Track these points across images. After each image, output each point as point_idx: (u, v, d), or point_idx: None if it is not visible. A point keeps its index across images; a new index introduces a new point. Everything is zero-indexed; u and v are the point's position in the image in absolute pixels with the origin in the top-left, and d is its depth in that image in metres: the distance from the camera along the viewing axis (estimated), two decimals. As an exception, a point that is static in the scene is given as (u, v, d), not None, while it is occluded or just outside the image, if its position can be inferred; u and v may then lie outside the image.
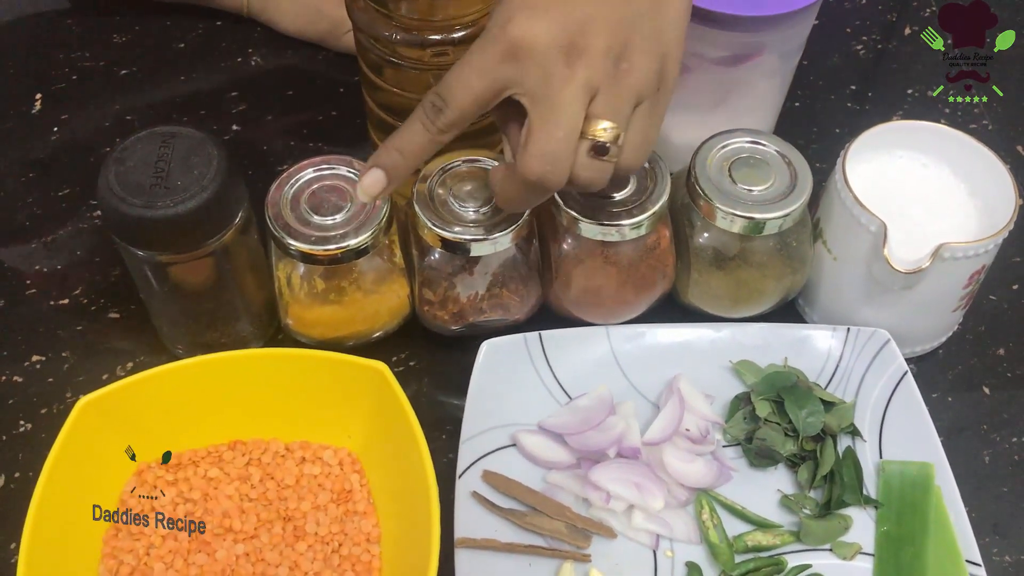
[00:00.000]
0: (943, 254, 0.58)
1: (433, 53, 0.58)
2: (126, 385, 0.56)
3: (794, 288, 0.64)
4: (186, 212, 0.52)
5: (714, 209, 0.59)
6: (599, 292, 0.63)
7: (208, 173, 0.53)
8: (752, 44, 0.64)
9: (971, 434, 0.63)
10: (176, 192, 0.52)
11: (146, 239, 0.54)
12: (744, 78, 0.66)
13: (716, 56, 0.65)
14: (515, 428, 0.60)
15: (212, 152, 0.54)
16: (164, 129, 0.55)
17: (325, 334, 0.62)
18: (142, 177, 0.53)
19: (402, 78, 0.60)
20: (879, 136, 0.63)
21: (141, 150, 0.54)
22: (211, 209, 0.53)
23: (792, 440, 0.59)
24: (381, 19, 0.58)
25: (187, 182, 0.53)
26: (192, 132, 0.55)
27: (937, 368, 0.66)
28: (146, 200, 0.52)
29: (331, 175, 0.59)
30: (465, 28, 0.57)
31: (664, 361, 0.62)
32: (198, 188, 0.52)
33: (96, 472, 0.56)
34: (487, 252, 0.58)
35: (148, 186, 0.52)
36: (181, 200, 0.52)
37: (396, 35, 0.57)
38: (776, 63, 0.66)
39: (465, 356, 0.61)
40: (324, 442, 0.59)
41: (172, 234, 0.53)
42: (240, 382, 0.58)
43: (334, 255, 0.57)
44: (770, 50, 0.64)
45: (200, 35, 0.82)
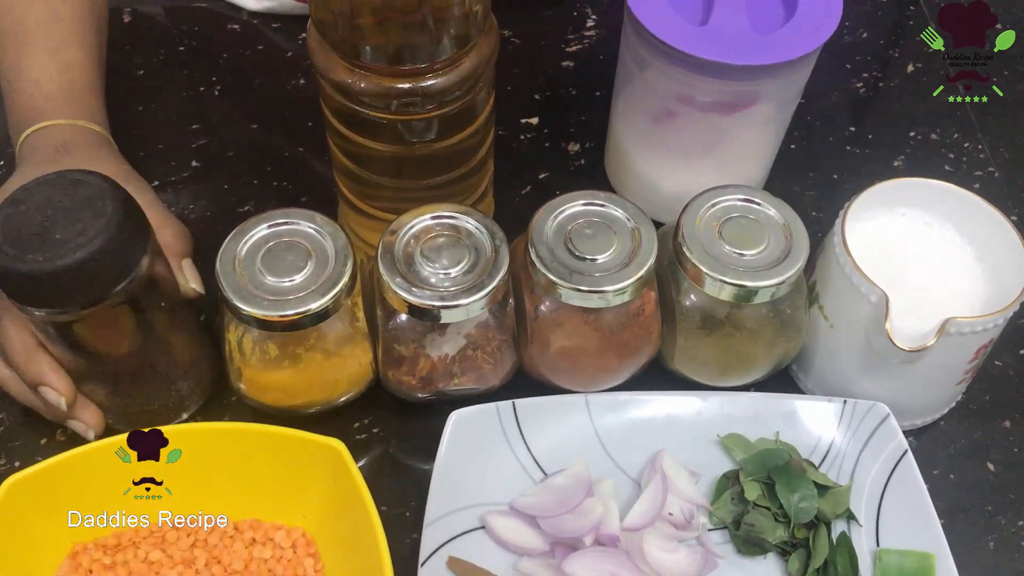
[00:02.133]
0: (949, 329, 0.53)
1: (400, 103, 0.53)
2: (58, 462, 0.51)
3: (787, 356, 0.60)
4: (55, 269, 0.47)
5: (702, 275, 0.55)
6: (578, 357, 0.58)
7: (93, 227, 0.48)
8: (746, 94, 0.60)
9: (974, 516, 0.59)
10: (51, 246, 0.47)
11: (23, 294, 0.49)
12: (736, 127, 0.62)
13: (707, 102, 0.60)
14: (484, 508, 0.55)
15: (107, 205, 0.49)
16: (72, 174, 0.50)
17: (280, 401, 0.57)
18: (27, 225, 0.48)
19: (369, 127, 0.56)
20: (880, 194, 0.59)
21: (39, 195, 0.49)
22: (90, 266, 0.48)
23: (783, 526, 0.55)
24: (343, 65, 0.53)
25: (67, 235, 0.48)
26: (98, 181, 0.49)
27: (938, 442, 0.62)
28: (17, 252, 0.47)
29: (289, 231, 0.55)
30: (436, 76, 0.53)
31: (647, 433, 0.58)
32: (75, 245, 0.47)
33: (26, 554, 0.52)
34: (458, 319, 0.54)
35: (27, 236, 0.47)
36: (54, 256, 0.47)
37: (360, 83, 0.53)
38: (771, 112, 0.62)
39: (434, 422, 0.57)
40: (277, 521, 0.55)
41: (47, 290, 0.48)
42: (186, 457, 0.53)
43: (291, 321, 0.52)
44: (764, 100, 0.60)
45: (161, 61, 0.77)
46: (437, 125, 0.55)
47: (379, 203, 0.60)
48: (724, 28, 0.59)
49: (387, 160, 0.57)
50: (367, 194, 0.60)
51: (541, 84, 0.78)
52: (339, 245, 0.54)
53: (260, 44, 0.79)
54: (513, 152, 0.74)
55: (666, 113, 0.63)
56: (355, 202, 0.62)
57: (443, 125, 0.55)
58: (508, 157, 0.73)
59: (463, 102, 0.55)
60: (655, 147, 0.65)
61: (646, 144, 0.66)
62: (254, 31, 0.80)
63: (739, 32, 0.59)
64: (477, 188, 0.62)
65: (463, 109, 0.55)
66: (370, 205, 0.61)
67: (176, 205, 0.69)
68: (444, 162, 0.58)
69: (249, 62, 0.78)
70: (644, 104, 0.64)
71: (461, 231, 0.56)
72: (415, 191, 0.59)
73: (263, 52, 0.79)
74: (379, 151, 0.56)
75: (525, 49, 0.80)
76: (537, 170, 0.73)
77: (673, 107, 0.62)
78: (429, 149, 0.56)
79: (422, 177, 0.58)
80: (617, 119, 0.68)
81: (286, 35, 0.80)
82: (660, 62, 0.59)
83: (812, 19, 0.59)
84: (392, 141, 0.56)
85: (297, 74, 0.76)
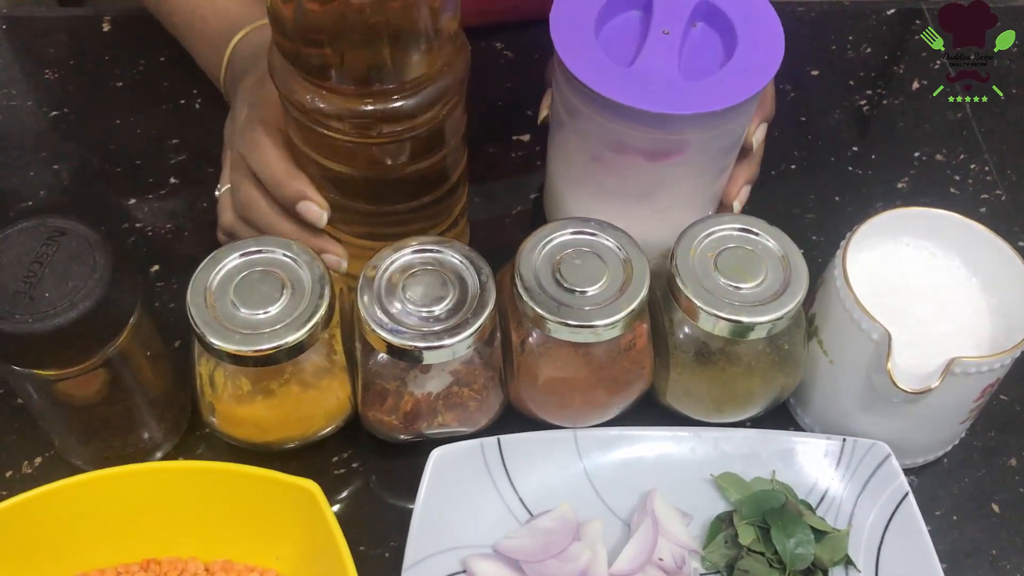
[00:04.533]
0: (955, 370, 0.51)
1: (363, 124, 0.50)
2: (22, 501, 0.49)
3: (785, 392, 0.58)
4: (45, 330, 0.45)
5: (696, 309, 0.52)
6: (567, 391, 0.56)
7: (84, 287, 0.45)
8: (670, 142, 0.55)
9: (979, 561, 0.56)
10: (40, 305, 0.45)
11: (6, 353, 0.47)
12: (669, 174, 0.58)
13: (634, 148, 0.56)
14: (467, 551, 0.53)
15: (97, 260, 0.46)
16: (54, 223, 0.47)
17: (254, 436, 0.55)
18: (10, 280, 0.45)
19: (333, 149, 0.53)
20: (883, 224, 0.57)
21: (20, 244, 0.46)
22: (80, 327, 0.45)
23: (778, 572, 0.52)
24: (304, 85, 0.50)
25: (56, 296, 0.45)
26: (85, 231, 0.47)
27: (941, 481, 0.59)
28: (4, 310, 0.45)
29: (264, 259, 0.52)
30: (405, 97, 0.50)
31: (638, 471, 0.56)
32: (67, 304, 0.45)
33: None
34: (442, 360, 0.51)
35: (12, 292, 0.45)
36: (43, 316, 0.45)
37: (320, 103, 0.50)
38: (704, 162, 0.58)
39: (415, 458, 0.55)
40: (249, 562, 0.53)
41: (35, 350, 0.46)
42: (155, 496, 0.51)
43: (266, 355, 0.50)
44: (693, 149, 0.56)
45: (140, 72, 0.75)
46: (406, 148, 0.53)
47: (349, 227, 0.58)
48: (651, 72, 0.54)
49: (355, 183, 0.54)
50: (336, 218, 0.57)
51: (535, 99, 0.75)
52: (316, 275, 0.52)
53: (244, 55, 0.77)
54: (504, 171, 0.71)
55: (594, 158, 0.58)
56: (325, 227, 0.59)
57: (412, 148, 0.53)
58: (498, 176, 0.71)
59: (432, 124, 0.52)
60: (590, 192, 0.61)
61: (580, 189, 0.61)
62: (238, 41, 0.77)
63: (666, 77, 0.54)
64: (450, 215, 0.60)
65: (433, 131, 0.52)
66: (339, 230, 0.58)
67: (151, 222, 0.67)
68: (413, 186, 0.55)
69: (232, 74, 0.75)
70: (574, 146, 0.60)
71: (445, 266, 0.53)
72: (384, 216, 0.56)
73: (247, 63, 0.76)
74: (345, 174, 0.54)
75: (518, 62, 0.78)
76: (528, 190, 0.70)
77: (600, 152, 0.58)
78: (398, 172, 0.54)
79: (391, 201, 0.56)
80: (552, 161, 0.64)
81: (270, 46, 0.77)
82: (585, 105, 0.55)
83: (749, 65, 0.54)
84: (358, 164, 0.53)
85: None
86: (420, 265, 0.53)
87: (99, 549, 0.52)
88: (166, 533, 0.52)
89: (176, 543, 0.52)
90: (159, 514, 0.51)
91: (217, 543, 0.52)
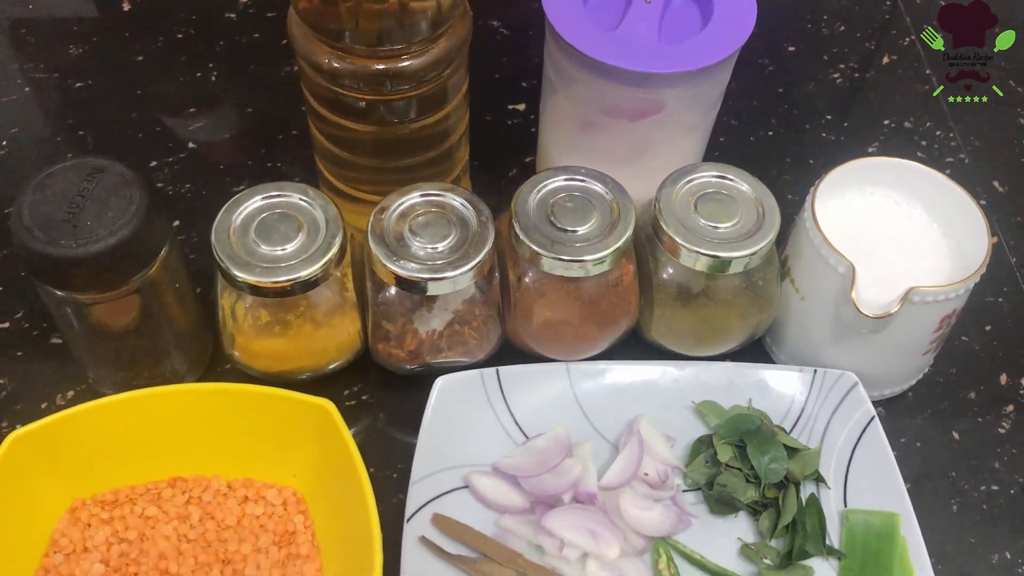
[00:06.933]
0: (913, 298, 0.56)
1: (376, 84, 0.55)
2: (60, 419, 0.53)
3: (760, 327, 0.62)
4: (87, 255, 0.49)
5: (678, 246, 0.57)
6: (560, 327, 0.61)
7: (122, 217, 0.50)
8: (652, 101, 0.61)
9: (939, 481, 0.61)
10: (83, 232, 0.50)
11: (50, 276, 0.51)
12: (653, 135, 0.63)
13: (619, 108, 0.61)
14: (468, 469, 0.57)
15: (134, 194, 0.51)
16: (94, 161, 0.52)
17: (271, 367, 0.59)
18: (55, 211, 0.50)
19: (346, 108, 0.58)
20: (851, 172, 0.62)
21: (64, 180, 0.51)
22: (118, 253, 0.50)
23: (754, 487, 0.57)
24: (322, 48, 0.55)
25: (97, 223, 0.50)
26: (122, 170, 0.52)
27: (906, 411, 0.64)
28: (50, 236, 0.49)
29: (282, 203, 0.57)
30: (412, 58, 0.55)
31: (625, 400, 0.60)
32: (106, 232, 0.50)
33: (26, 509, 0.53)
34: (445, 291, 0.56)
35: (57, 221, 0.50)
36: (85, 242, 0.49)
37: (336, 64, 0.55)
38: (685, 120, 0.63)
39: (420, 392, 0.59)
40: (268, 480, 0.57)
41: (76, 274, 0.50)
42: (181, 417, 0.55)
43: (282, 287, 0.54)
44: (673, 107, 0.61)
45: (159, 47, 0.80)
46: (412, 105, 0.58)
47: (358, 184, 0.63)
48: (633, 35, 0.59)
49: (365, 141, 0.60)
50: (346, 176, 0.62)
51: (528, 73, 0.80)
52: (330, 217, 0.56)
53: (255, 33, 0.82)
54: (500, 136, 0.76)
55: (584, 122, 0.63)
56: (335, 184, 0.64)
57: (418, 105, 0.58)
58: (495, 141, 0.76)
59: (437, 84, 0.57)
60: (581, 155, 0.65)
61: (571, 152, 0.66)
62: (250, 20, 0.82)
63: (648, 41, 0.59)
64: (453, 171, 0.65)
65: (437, 90, 0.58)
66: (349, 186, 0.63)
67: (172, 183, 0.72)
68: (419, 142, 0.60)
69: (244, 49, 0.80)
70: (564, 112, 0.65)
71: (448, 208, 0.58)
72: (392, 172, 0.61)
73: (258, 40, 0.81)
74: (357, 132, 0.59)
75: (513, 39, 0.83)
76: (523, 154, 0.75)
77: (589, 116, 0.63)
78: (405, 129, 0.59)
79: (398, 157, 0.61)
80: (544, 127, 0.69)
81: (279, 24, 0.82)
82: (574, 67, 0.60)
83: (723, 32, 0.60)
84: (369, 121, 0.58)
85: (289, 61, 0.79)
86: (425, 207, 0.58)
87: (130, 467, 0.56)
88: (192, 453, 0.56)
89: (201, 462, 0.57)
90: (185, 435, 0.56)
91: (238, 462, 0.57)
